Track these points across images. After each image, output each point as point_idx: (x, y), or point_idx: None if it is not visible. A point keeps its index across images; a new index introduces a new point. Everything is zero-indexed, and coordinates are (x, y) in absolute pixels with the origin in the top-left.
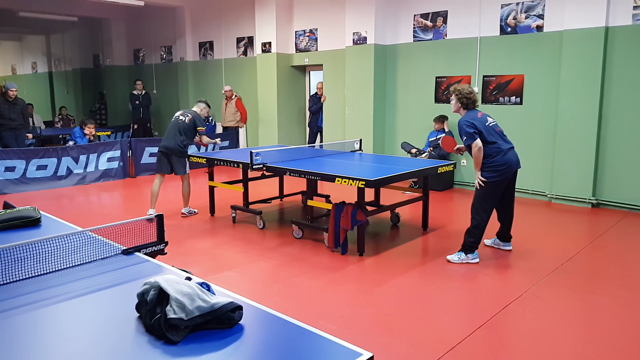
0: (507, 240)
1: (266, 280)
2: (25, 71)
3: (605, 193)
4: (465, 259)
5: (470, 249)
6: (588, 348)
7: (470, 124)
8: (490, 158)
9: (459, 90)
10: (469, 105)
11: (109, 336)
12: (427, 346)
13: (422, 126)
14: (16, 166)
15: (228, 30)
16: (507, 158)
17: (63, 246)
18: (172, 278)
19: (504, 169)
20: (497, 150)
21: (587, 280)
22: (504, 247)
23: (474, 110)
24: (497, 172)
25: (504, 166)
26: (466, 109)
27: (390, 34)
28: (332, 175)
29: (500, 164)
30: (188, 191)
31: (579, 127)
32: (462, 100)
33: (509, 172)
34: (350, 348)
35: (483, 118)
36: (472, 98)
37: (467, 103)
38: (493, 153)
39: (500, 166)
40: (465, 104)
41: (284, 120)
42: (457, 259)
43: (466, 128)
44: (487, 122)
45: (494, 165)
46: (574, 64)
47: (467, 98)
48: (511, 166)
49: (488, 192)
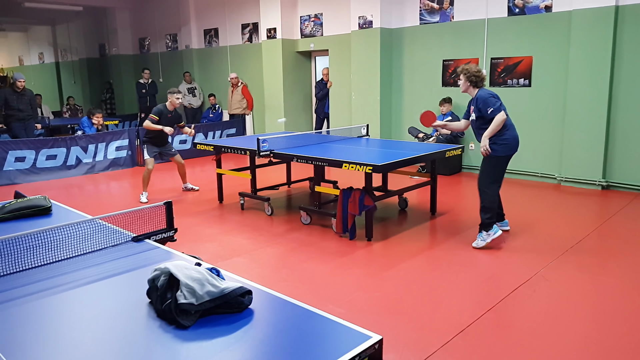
0: (502, 219)
1: (275, 266)
2: (32, 62)
3: (616, 175)
4: (487, 237)
5: (489, 226)
6: (597, 330)
7: (495, 95)
8: (503, 132)
9: (467, 69)
10: (478, 84)
11: (120, 322)
12: (435, 329)
13: (430, 110)
14: (26, 156)
15: (233, 16)
16: (515, 134)
17: (74, 234)
18: (182, 264)
19: (513, 145)
20: (507, 125)
21: (597, 263)
22: (502, 227)
23: (483, 88)
24: (506, 147)
25: (513, 140)
26: (476, 87)
27: (396, 17)
28: (339, 161)
29: (510, 139)
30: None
31: (589, 108)
32: (471, 78)
33: (515, 148)
34: (359, 331)
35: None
36: (480, 76)
37: (476, 81)
38: (506, 127)
39: (510, 141)
40: (475, 82)
41: (290, 107)
42: (481, 242)
43: (492, 99)
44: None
45: (505, 139)
46: (583, 45)
47: (476, 76)
48: (517, 142)
49: (496, 166)
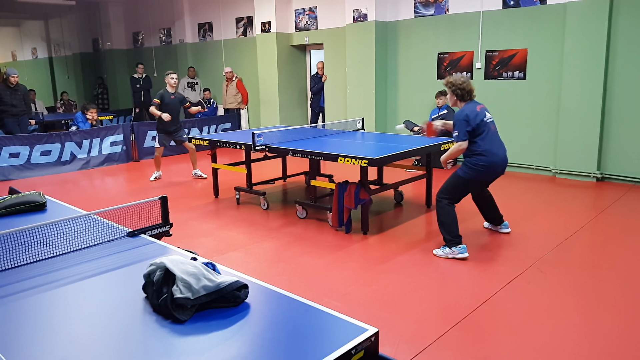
0: (500, 222)
1: (271, 260)
2: (25, 57)
3: (610, 167)
4: (451, 252)
5: (453, 242)
6: (592, 322)
7: (465, 121)
8: (475, 155)
9: (452, 82)
10: (465, 97)
11: (116, 317)
12: (431, 322)
13: (425, 103)
14: (20, 152)
15: (227, 10)
16: (492, 161)
17: (69, 230)
18: (178, 259)
19: (484, 171)
20: (484, 150)
21: (592, 255)
22: (502, 229)
23: (473, 102)
24: (475, 172)
25: (485, 168)
26: (463, 100)
27: (391, 10)
28: (335, 155)
29: (482, 165)
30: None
31: (583, 100)
32: (457, 92)
33: (489, 175)
34: (355, 324)
35: (482, 113)
36: (466, 88)
37: (462, 94)
38: (480, 151)
39: (481, 167)
40: (461, 95)
41: (285, 101)
42: (441, 253)
43: (463, 123)
44: (485, 117)
45: (475, 163)
46: (577, 37)
47: (461, 89)
48: (494, 170)
49: (457, 185)
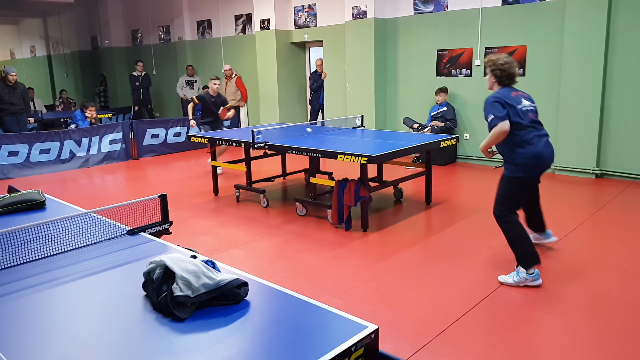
0: (542, 229)
1: (271, 258)
2: (24, 55)
3: (609, 163)
4: (523, 279)
5: (528, 262)
6: (593, 317)
7: (504, 101)
8: (517, 149)
9: (493, 61)
10: (504, 80)
11: (116, 315)
12: (431, 318)
13: (424, 100)
14: (19, 150)
15: (226, 7)
16: (536, 152)
17: (69, 228)
18: (178, 256)
19: (533, 164)
20: (525, 140)
21: (591, 251)
22: (546, 239)
23: (509, 88)
24: (517, 168)
25: (533, 160)
26: (501, 84)
27: (390, 7)
28: (335, 152)
29: (529, 158)
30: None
31: (583, 97)
32: (496, 72)
33: (538, 168)
34: (355, 321)
35: (517, 98)
36: (507, 70)
37: (501, 76)
38: (521, 143)
39: (528, 160)
40: (500, 77)
41: (285, 98)
42: (511, 281)
43: (496, 104)
44: (519, 104)
45: (514, 159)
46: (577, 33)
47: (502, 69)
48: (543, 161)
49: (508, 188)
